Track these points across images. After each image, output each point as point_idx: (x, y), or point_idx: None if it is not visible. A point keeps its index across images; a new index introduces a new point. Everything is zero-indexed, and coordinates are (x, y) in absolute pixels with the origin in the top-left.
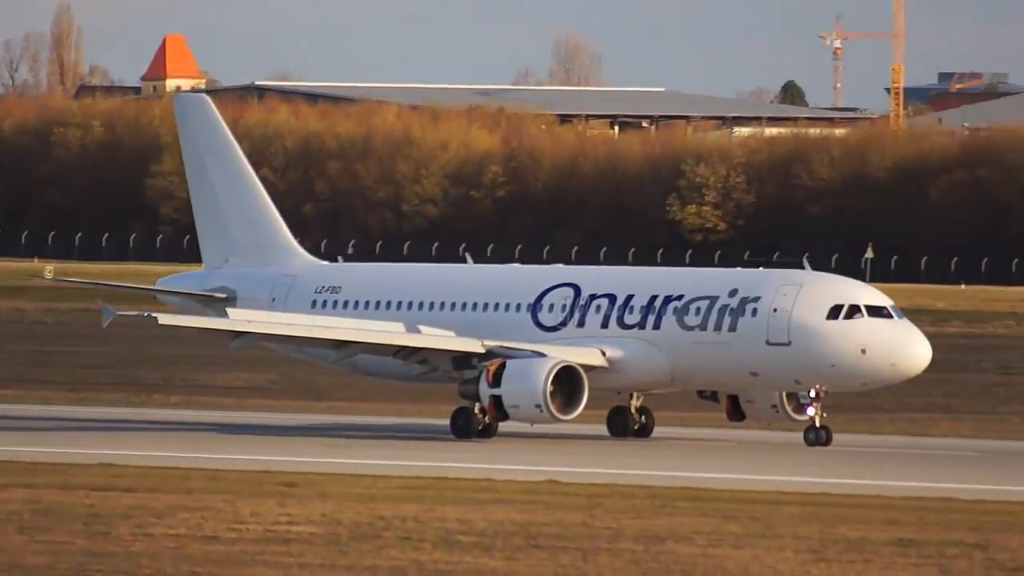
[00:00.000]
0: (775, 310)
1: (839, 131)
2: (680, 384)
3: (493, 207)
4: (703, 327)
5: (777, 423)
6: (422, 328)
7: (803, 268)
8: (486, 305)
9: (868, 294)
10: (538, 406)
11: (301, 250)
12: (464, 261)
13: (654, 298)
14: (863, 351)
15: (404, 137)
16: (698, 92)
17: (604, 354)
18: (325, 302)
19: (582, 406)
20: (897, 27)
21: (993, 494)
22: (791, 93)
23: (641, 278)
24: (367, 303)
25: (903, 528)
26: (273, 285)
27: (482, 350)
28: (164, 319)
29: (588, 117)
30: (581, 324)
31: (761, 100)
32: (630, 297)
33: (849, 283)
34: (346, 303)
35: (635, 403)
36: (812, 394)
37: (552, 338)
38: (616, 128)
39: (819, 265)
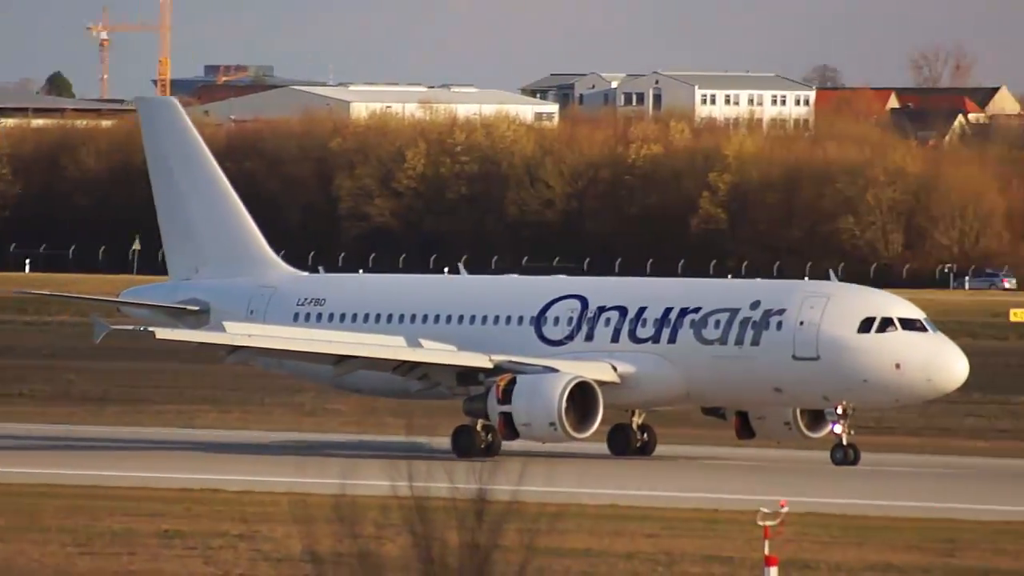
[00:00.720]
0: (802, 323)
1: (106, 122)
2: (696, 401)
3: None
4: (723, 341)
5: (790, 441)
6: (424, 342)
7: (829, 279)
8: (485, 318)
9: (900, 306)
10: (552, 424)
11: (279, 260)
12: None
13: (669, 310)
14: (897, 366)
15: None
16: None
17: (615, 369)
18: (308, 315)
19: (597, 423)
20: (164, 20)
21: (260, 485)
22: (58, 84)
23: (653, 290)
24: (355, 316)
25: (169, 519)
26: (251, 297)
27: (490, 365)
28: (162, 333)
29: None
30: (589, 338)
31: (27, 91)
32: (642, 309)
33: (880, 294)
34: (331, 316)
35: (636, 420)
36: (839, 411)
37: (558, 352)
38: None
39: (86, 259)
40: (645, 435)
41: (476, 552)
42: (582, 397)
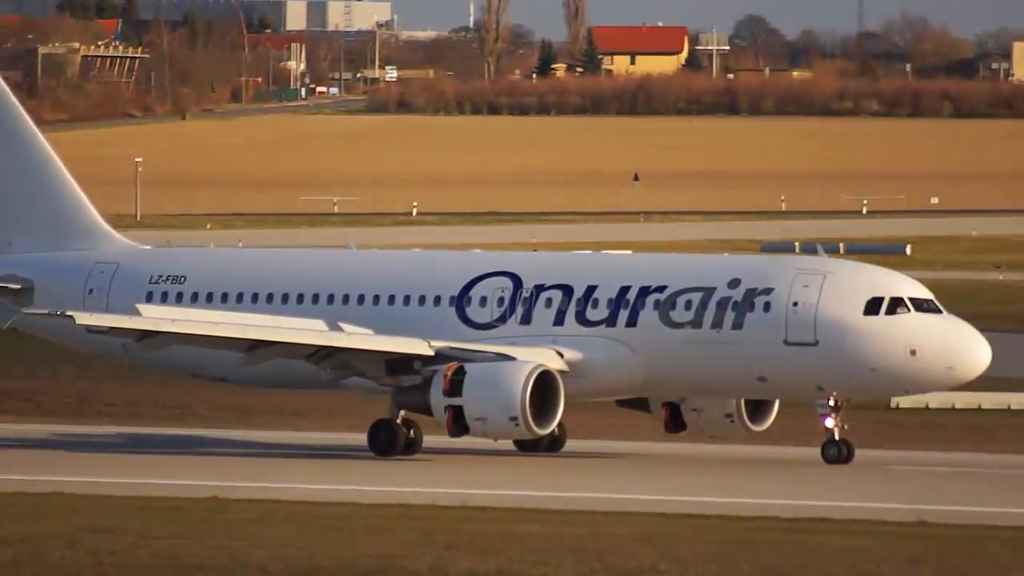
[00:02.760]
0: (795, 304)
1: None
2: (656, 391)
3: None
4: (696, 324)
5: (730, 434)
6: (345, 327)
7: (816, 253)
8: (392, 298)
9: (908, 285)
10: (514, 418)
11: (114, 232)
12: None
13: (626, 290)
14: (913, 352)
15: None
16: None
17: (562, 356)
18: (166, 294)
19: (558, 417)
20: None
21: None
22: None
23: (603, 266)
24: (224, 296)
25: None
26: (88, 274)
27: (430, 352)
28: (82, 319)
29: None
30: (526, 321)
31: None
32: (592, 289)
33: (883, 272)
34: (195, 296)
35: None
36: (831, 403)
37: (486, 337)
38: None
39: None
40: (555, 430)
41: None
42: (540, 388)
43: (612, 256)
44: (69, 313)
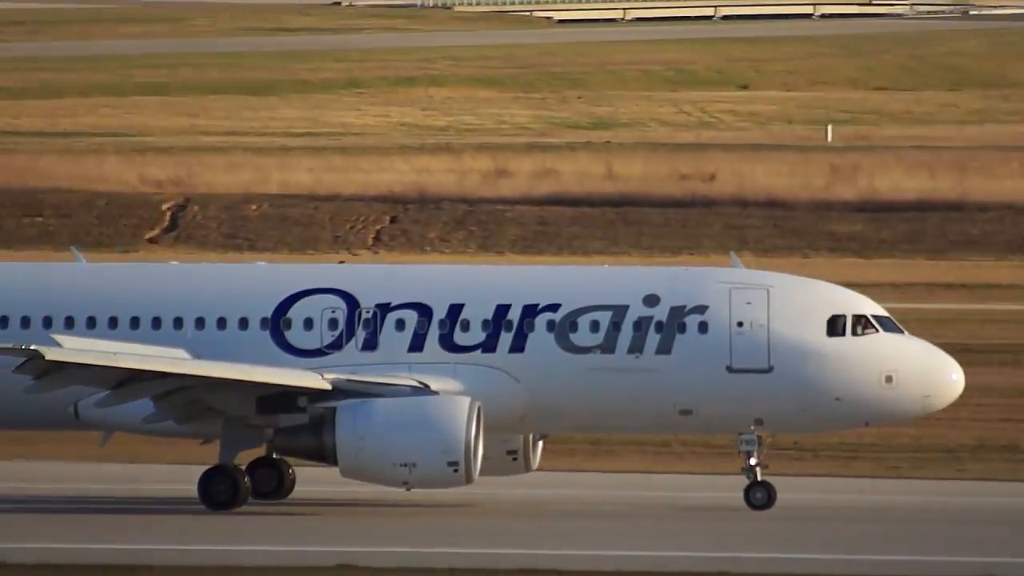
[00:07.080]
0: (740, 324)
1: None
2: (537, 426)
3: None
4: (608, 349)
5: (502, 474)
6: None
7: (733, 265)
8: (179, 321)
9: (864, 300)
10: (453, 464)
11: None
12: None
13: (505, 308)
14: (888, 379)
15: None
16: None
17: (427, 387)
18: None
19: (480, 459)
20: None
21: None
22: None
23: (465, 282)
24: None
25: None
26: None
27: (324, 385)
28: (52, 354)
29: None
30: (369, 346)
31: None
32: (458, 308)
33: (831, 286)
34: None
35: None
36: (757, 438)
37: (320, 366)
38: None
39: None
40: (291, 470)
41: None
42: None
43: (474, 270)
44: (34, 347)
